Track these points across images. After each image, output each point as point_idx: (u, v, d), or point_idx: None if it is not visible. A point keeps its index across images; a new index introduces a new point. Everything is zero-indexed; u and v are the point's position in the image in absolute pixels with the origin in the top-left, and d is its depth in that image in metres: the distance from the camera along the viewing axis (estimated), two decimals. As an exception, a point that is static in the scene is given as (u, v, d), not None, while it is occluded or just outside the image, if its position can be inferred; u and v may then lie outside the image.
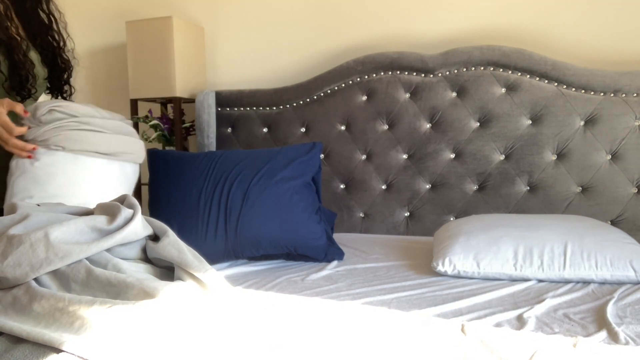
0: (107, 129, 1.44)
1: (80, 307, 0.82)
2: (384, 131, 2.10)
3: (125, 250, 1.03)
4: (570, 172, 1.88)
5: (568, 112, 1.88)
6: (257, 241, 1.53)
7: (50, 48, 1.62)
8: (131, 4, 2.66)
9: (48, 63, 1.61)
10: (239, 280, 1.38)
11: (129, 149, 1.48)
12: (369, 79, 2.12)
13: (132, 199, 1.11)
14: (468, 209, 1.99)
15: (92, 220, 1.01)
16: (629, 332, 0.97)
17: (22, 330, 0.78)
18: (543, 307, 1.13)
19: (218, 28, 2.52)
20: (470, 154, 1.99)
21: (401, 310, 1.11)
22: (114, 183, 1.45)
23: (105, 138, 1.42)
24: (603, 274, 1.31)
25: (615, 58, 1.96)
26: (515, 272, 1.35)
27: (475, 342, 0.92)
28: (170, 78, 2.26)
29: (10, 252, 0.91)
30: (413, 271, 1.47)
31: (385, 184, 2.11)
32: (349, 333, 0.95)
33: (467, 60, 1.99)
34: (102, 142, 1.42)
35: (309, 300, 1.18)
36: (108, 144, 1.43)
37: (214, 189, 1.58)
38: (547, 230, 1.43)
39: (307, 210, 1.60)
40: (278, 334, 0.91)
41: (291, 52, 2.40)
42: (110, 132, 1.44)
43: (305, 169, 1.64)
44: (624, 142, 1.82)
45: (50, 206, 1.15)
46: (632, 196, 1.82)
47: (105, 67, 2.76)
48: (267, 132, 2.28)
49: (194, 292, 0.94)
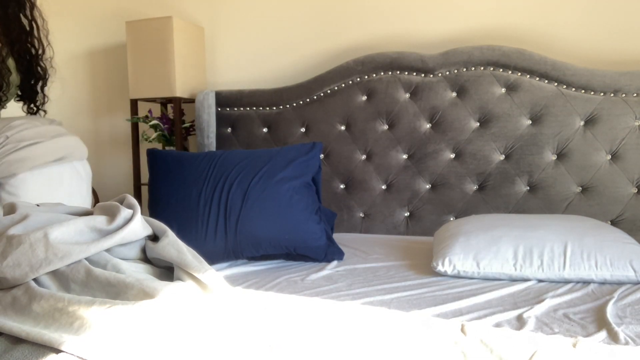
0: (42, 137, 1.42)
1: (80, 308, 0.82)
2: (384, 131, 2.10)
3: (125, 250, 1.03)
4: (570, 172, 1.88)
5: (568, 112, 1.88)
6: (257, 241, 1.53)
7: (28, 55, 1.57)
8: (131, 4, 2.66)
9: (23, 70, 1.57)
10: (238, 280, 1.38)
11: (72, 148, 1.47)
12: (369, 79, 2.12)
13: (131, 199, 1.11)
14: (468, 209, 1.99)
15: (91, 220, 1.01)
16: (628, 332, 0.97)
17: (21, 331, 0.78)
18: (543, 307, 1.13)
19: (218, 28, 2.52)
20: (470, 154, 1.99)
21: (401, 310, 1.11)
22: (74, 185, 1.44)
23: (45, 147, 1.40)
24: (603, 274, 1.31)
25: (615, 58, 1.95)
26: (515, 272, 1.35)
27: (475, 342, 0.92)
28: (170, 78, 2.26)
29: (10, 252, 0.91)
30: (413, 271, 1.47)
31: (385, 184, 2.11)
32: (349, 333, 0.95)
33: (467, 60, 1.99)
34: (46, 152, 1.40)
35: (308, 300, 1.18)
36: (53, 151, 1.41)
37: (214, 189, 1.58)
38: (547, 230, 1.43)
39: (307, 210, 1.60)
40: (278, 334, 0.91)
41: (291, 52, 2.40)
42: (46, 139, 1.42)
43: (305, 169, 1.64)
44: (624, 142, 1.82)
45: (49, 206, 1.15)
46: (632, 196, 1.82)
47: (105, 67, 2.76)
48: (267, 132, 2.28)
49: (193, 293, 0.94)
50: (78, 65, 2.80)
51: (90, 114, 2.79)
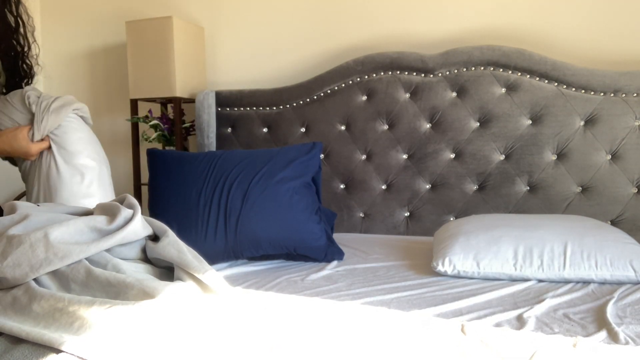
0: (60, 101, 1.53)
1: (80, 308, 0.82)
2: (384, 131, 2.10)
3: (125, 250, 1.03)
4: (570, 172, 1.88)
5: (568, 112, 1.88)
6: (257, 242, 1.53)
7: (14, 53, 1.57)
8: (131, 4, 2.66)
9: (9, 68, 1.57)
10: (238, 280, 1.38)
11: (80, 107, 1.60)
12: (369, 79, 2.12)
13: (131, 199, 1.11)
14: (468, 209, 1.99)
15: (91, 220, 1.01)
16: (629, 332, 0.97)
17: (21, 331, 0.78)
18: (543, 307, 1.13)
19: (218, 28, 2.52)
20: (470, 154, 1.99)
21: (401, 310, 1.11)
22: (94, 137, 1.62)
23: (68, 97, 1.56)
24: (603, 274, 1.31)
25: (615, 58, 1.95)
26: (515, 272, 1.35)
27: (475, 342, 0.92)
28: (170, 78, 2.26)
29: (10, 252, 0.91)
30: (413, 271, 1.47)
31: (385, 184, 2.11)
32: (349, 333, 0.95)
33: (467, 60, 1.99)
34: (71, 99, 1.55)
35: (309, 300, 1.18)
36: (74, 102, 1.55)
37: (214, 189, 1.58)
38: (547, 230, 1.43)
39: (307, 210, 1.59)
40: (278, 334, 0.91)
41: (291, 52, 2.40)
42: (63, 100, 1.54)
43: (305, 169, 1.64)
44: (624, 142, 1.82)
45: (49, 206, 1.15)
46: (632, 196, 1.82)
47: (105, 67, 2.76)
48: (267, 132, 2.28)
49: (193, 293, 0.94)
50: (78, 65, 2.80)
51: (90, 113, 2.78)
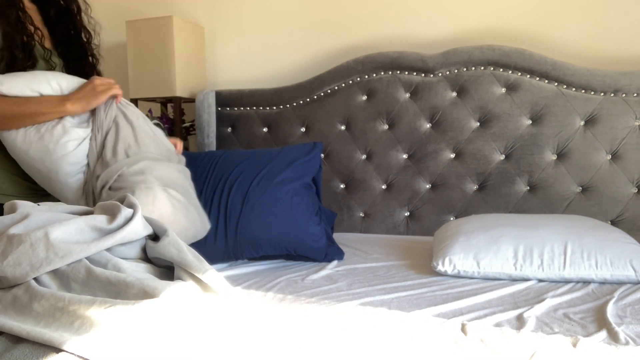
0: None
1: (80, 307, 0.82)
2: (384, 131, 2.10)
3: (126, 249, 1.03)
4: (570, 172, 1.88)
5: (568, 112, 1.88)
6: (257, 243, 1.53)
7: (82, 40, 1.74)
8: (131, 3, 2.66)
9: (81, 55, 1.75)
10: (239, 280, 1.38)
11: None
12: (369, 78, 2.12)
13: (132, 199, 1.11)
14: (468, 208, 1.99)
15: (92, 219, 1.01)
16: (629, 332, 0.97)
17: (22, 330, 0.78)
18: (543, 307, 1.13)
19: (218, 28, 2.52)
20: (470, 153, 1.99)
21: (401, 310, 1.11)
22: None
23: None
24: (603, 273, 1.31)
25: (615, 58, 1.96)
26: (515, 272, 1.35)
27: (475, 341, 0.92)
28: (170, 78, 2.25)
29: (10, 251, 0.91)
30: (413, 271, 1.47)
31: (385, 184, 2.11)
32: (349, 333, 0.95)
33: (467, 60, 1.99)
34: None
35: (309, 300, 1.18)
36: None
37: (214, 190, 1.58)
38: (547, 230, 1.43)
39: (307, 212, 1.59)
40: (278, 334, 0.91)
41: (291, 52, 2.40)
42: None
43: (306, 170, 1.64)
44: (624, 142, 1.82)
45: (50, 206, 1.15)
46: (632, 196, 1.82)
47: (105, 67, 2.75)
48: (267, 131, 2.28)
49: (194, 292, 0.94)
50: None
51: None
